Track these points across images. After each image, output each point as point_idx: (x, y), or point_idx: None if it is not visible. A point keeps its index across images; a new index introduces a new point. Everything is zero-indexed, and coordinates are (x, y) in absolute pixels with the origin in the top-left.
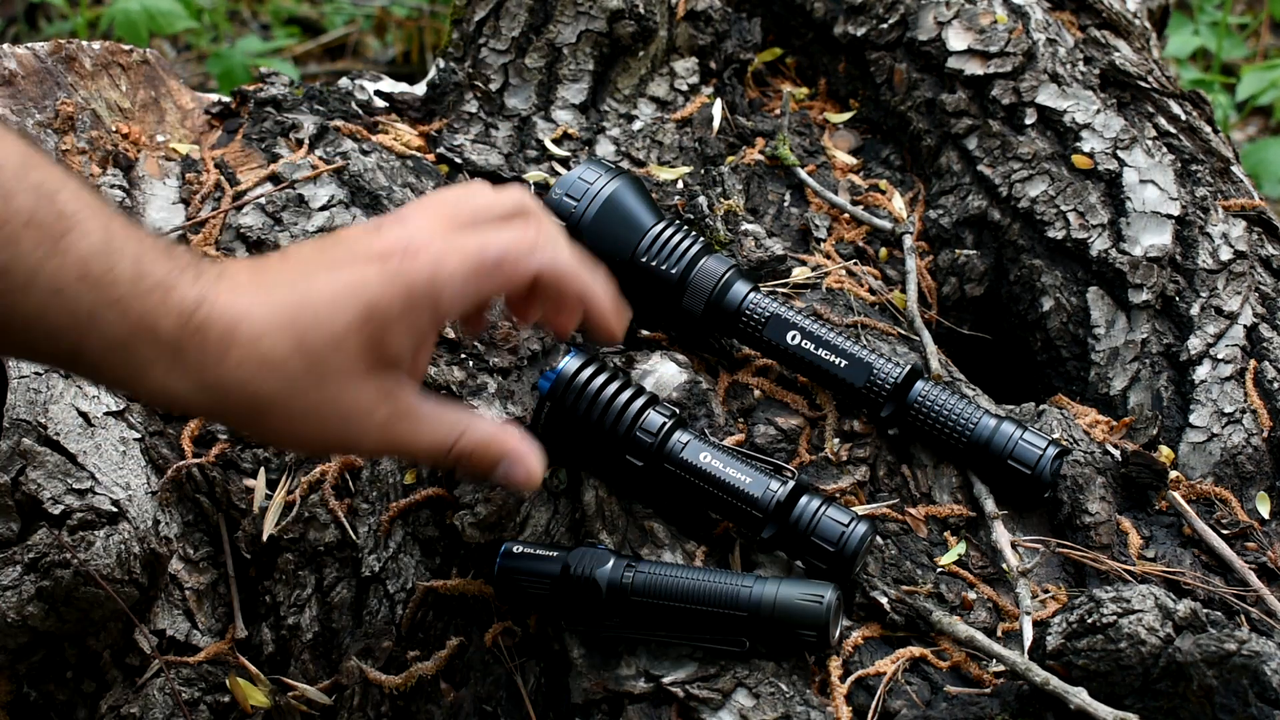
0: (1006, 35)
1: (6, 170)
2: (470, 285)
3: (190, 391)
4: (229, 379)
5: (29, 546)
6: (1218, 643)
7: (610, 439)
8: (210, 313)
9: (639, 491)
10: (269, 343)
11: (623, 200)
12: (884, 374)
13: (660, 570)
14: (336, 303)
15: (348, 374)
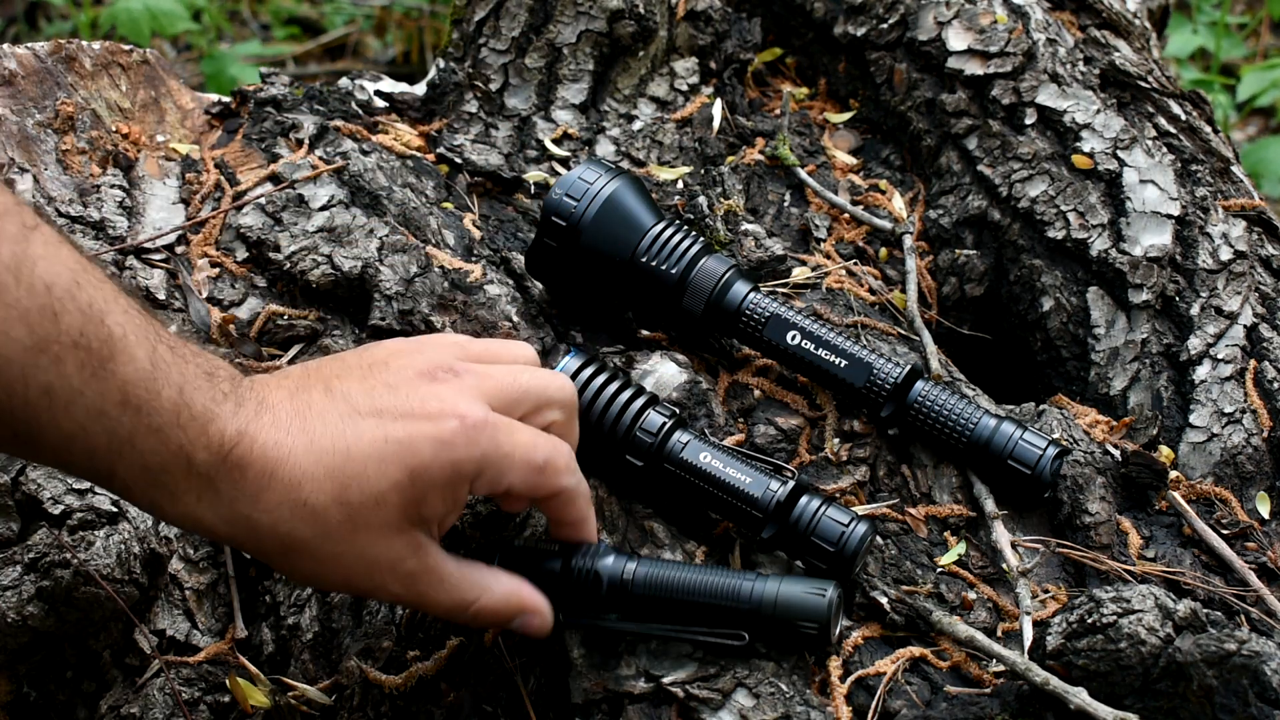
0: (1006, 35)
1: (58, 288)
2: (511, 478)
3: (219, 523)
4: (262, 519)
5: (29, 546)
6: (1218, 643)
7: (610, 439)
8: (249, 451)
9: (639, 491)
10: (309, 490)
11: (623, 200)
12: (884, 374)
13: (661, 565)
14: (384, 460)
15: (382, 528)
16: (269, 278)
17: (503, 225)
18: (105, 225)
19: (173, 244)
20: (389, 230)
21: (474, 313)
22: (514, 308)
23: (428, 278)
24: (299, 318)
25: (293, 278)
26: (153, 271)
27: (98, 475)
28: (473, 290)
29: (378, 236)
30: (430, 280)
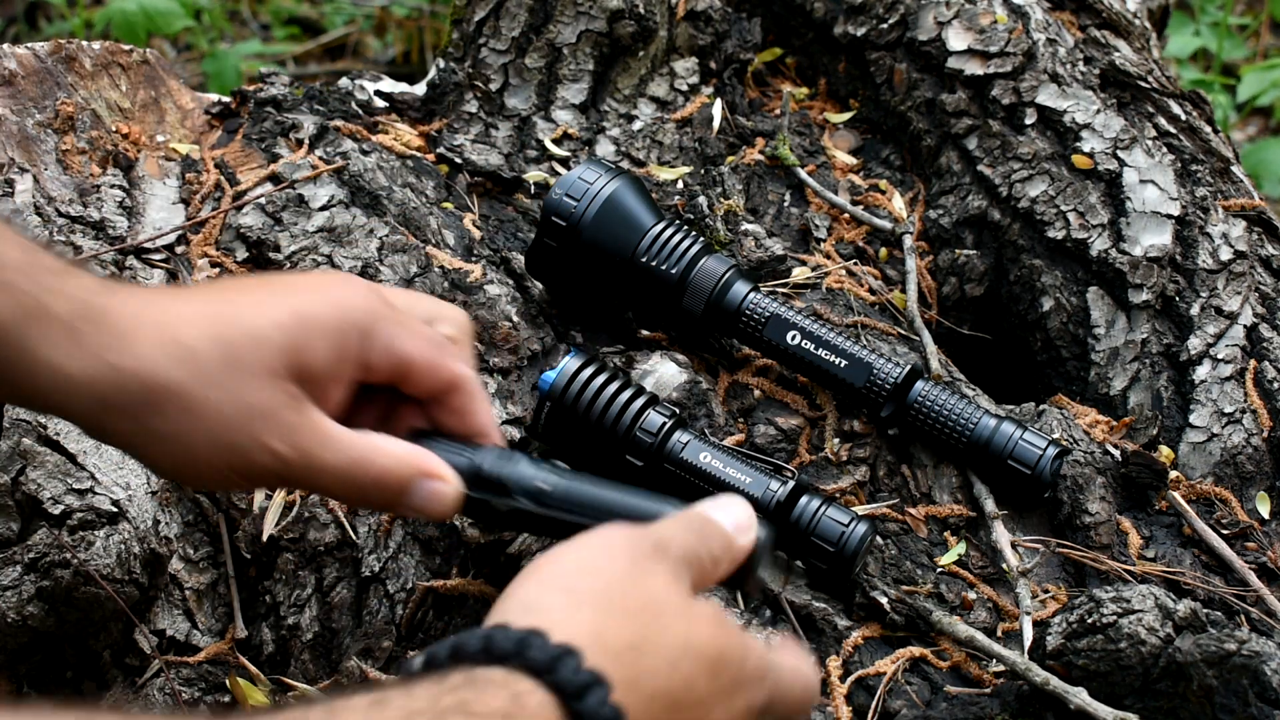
0: (1006, 35)
1: None
2: (406, 344)
3: (82, 371)
4: (128, 363)
5: (29, 546)
6: (1218, 643)
7: (610, 439)
8: (111, 301)
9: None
10: (184, 328)
11: (623, 200)
12: (884, 374)
13: (580, 480)
14: (263, 304)
15: (261, 371)
16: None
17: (503, 225)
18: (105, 225)
19: (173, 244)
20: (389, 230)
21: (474, 313)
22: (514, 308)
23: (428, 278)
24: None
25: None
26: (153, 271)
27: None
28: (473, 290)
29: (378, 236)
30: (430, 280)
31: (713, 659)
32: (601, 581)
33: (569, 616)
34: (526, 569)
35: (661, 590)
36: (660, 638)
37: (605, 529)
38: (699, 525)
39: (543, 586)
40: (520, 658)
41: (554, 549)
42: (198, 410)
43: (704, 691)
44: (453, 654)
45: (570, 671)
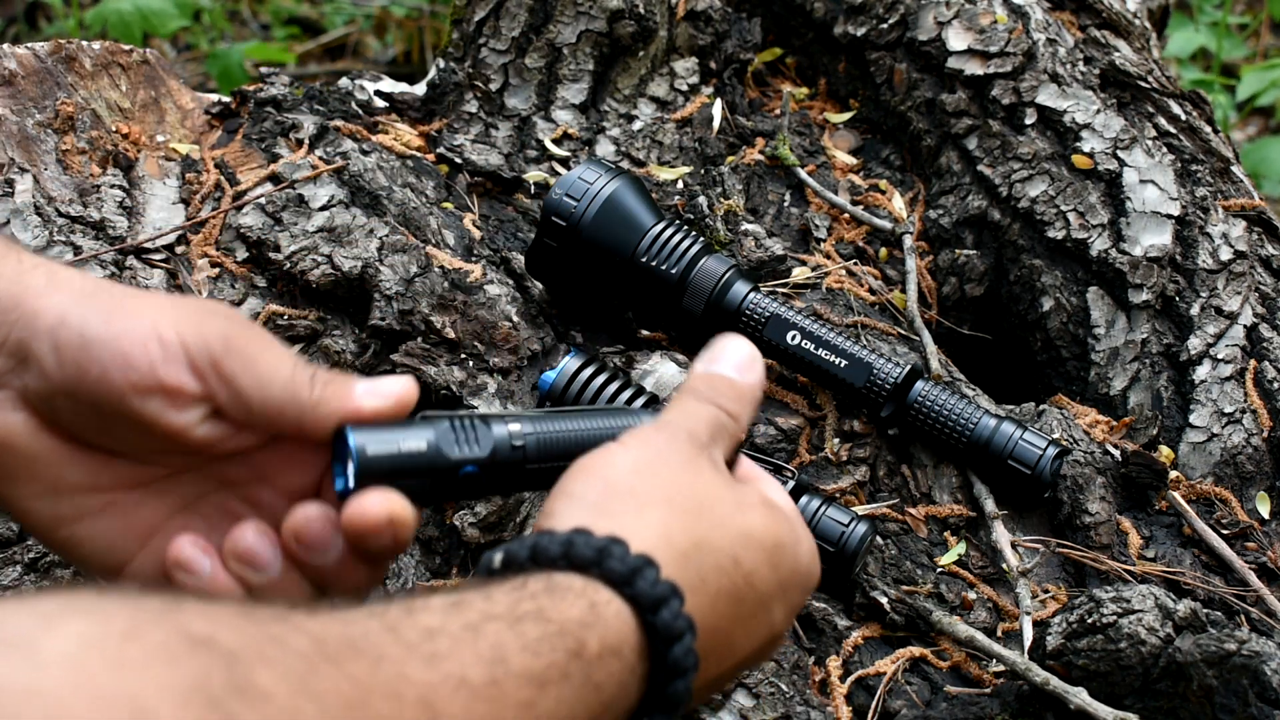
0: (1006, 35)
1: None
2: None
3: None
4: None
5: (29, 546)
6: (1218, 643)
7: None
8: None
9: None
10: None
11: (623, 200)
12: (884, 374)
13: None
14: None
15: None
16: (269, 278)
17: (503, 225)
18: (105, 225)
19: (173, 244)
20: (389, 230)
21: (474, 312)
22: (514, 308)
23: (428, 278)
24: (299, 318)
25: (293, 278)
26: (153, 271)
27: None
28: (473, 290)
29: (378, 236)
30: (430, 280)
31: (771, 548)
32: (660, 481)
33: (639, 519)
34: (577, 469)
35: (712, 484)
36: (721, 532)
37: (641, 431)
38: (707, 389)
39: (606, 487)
40: (600, 567)
41: (600, 451)
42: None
43: (765, 584)
44: (532, 556)
45: (648, 584)
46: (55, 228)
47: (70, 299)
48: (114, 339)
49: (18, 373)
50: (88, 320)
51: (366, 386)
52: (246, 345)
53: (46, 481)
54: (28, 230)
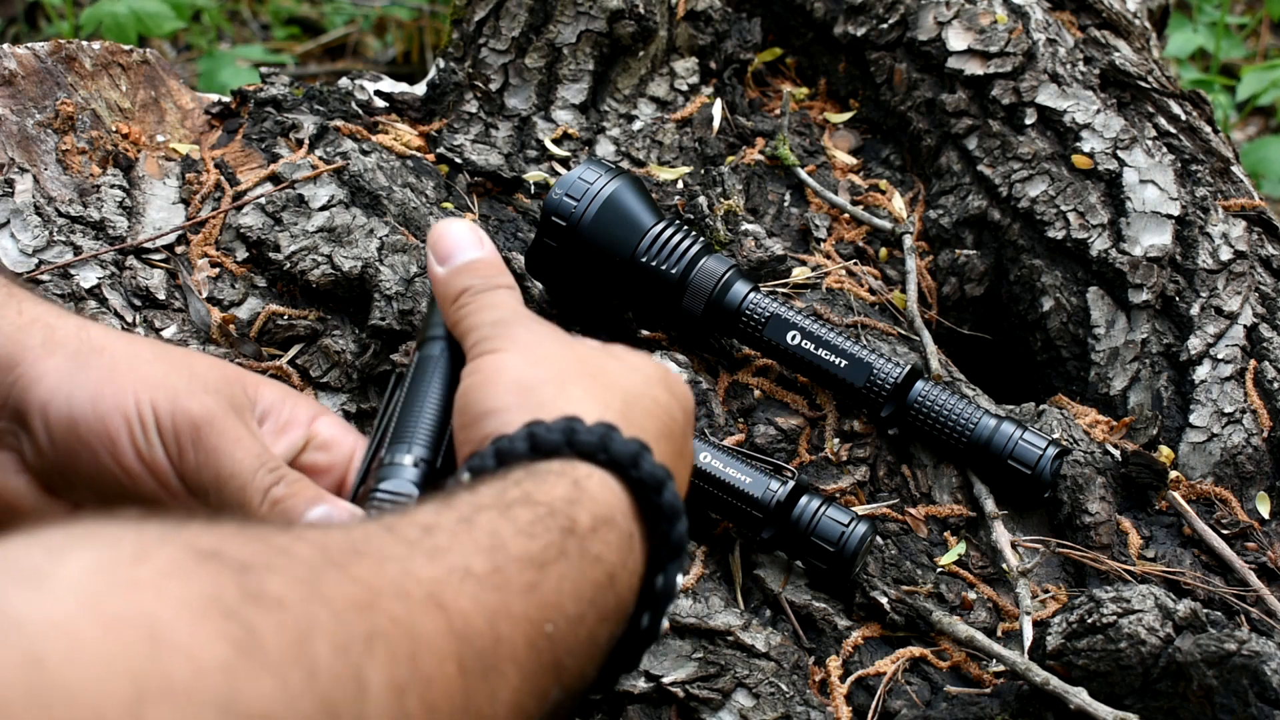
0: (1006, 35)
1: None
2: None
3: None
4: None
5: None
6: (1218, 643)
7: None
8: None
9: None
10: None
11: (623, 200)
12: (884, 374)
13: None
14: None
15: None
16: (269, 278)
17: (503, 225)
18: (105, 225)
19: (173, 244)
20: (389, 230)
21: None
22: None
23: (428, 278)
24: (299, 318)
25: (293, 278)
26: (153, 271)
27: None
28: None
29: (378, 236)
30: (430, 280)
31: (658, 377)
32: (556, 362)
33: (567, 397)
34: (476, 383)
35: (585, 346)
36: (629, 382)
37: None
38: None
39: (520, 385)
40: (571, 445)
41: (482, 363)
42: (148, 359)
43: (677, 410)
44: (499, 458)
45: (619, 445)
46: (55, 228)
47: (63, 368)
48: (100, 421)
49: (18, 437)
50: (74, 400)
51: (319, 519)
52: (217, 439)
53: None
54: (28, 230)
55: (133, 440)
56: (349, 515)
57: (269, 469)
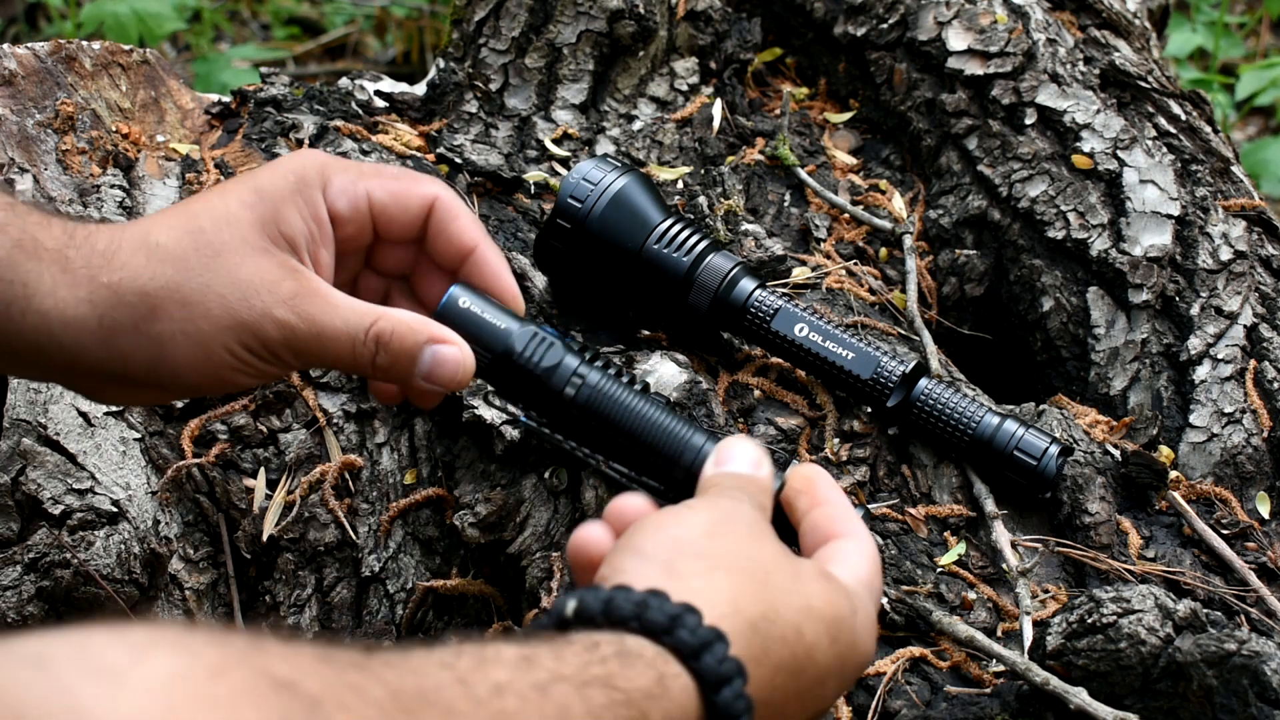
0: (1006, 35)
1: None
2: (368, 183)
3: (82, 301)
4: (120, 277)
5: (29, 546)
6: (1218, 643)
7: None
8: (95, 230)
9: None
10: (158, 230)
11: (631, 195)
12: (892, 366)
13: (617, 386)
14: (226, 191)
15: (243, 248)
16: None
17: (503, 225)
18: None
19: None
20: (401, 167)
21: None
22: None
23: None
24: None
25: None
26: None
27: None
28: None
29: None
30: None
31: (830, 620)
32: (728, 546)
33: (709, 583)
34: (647, 525)
35: (774, 555)
36: (785, 603)
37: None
38: (733, 484)
39: (677, 546)
40: (671, 635)
41: (671, 509)
42: (196, 300)
43: (824, 658)
44: (605, 611)
45: (715, 660)
46: None
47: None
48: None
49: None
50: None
51: (427, 370)
52: (305, 343)
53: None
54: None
55: (244, 374)
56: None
57: (364, 340)
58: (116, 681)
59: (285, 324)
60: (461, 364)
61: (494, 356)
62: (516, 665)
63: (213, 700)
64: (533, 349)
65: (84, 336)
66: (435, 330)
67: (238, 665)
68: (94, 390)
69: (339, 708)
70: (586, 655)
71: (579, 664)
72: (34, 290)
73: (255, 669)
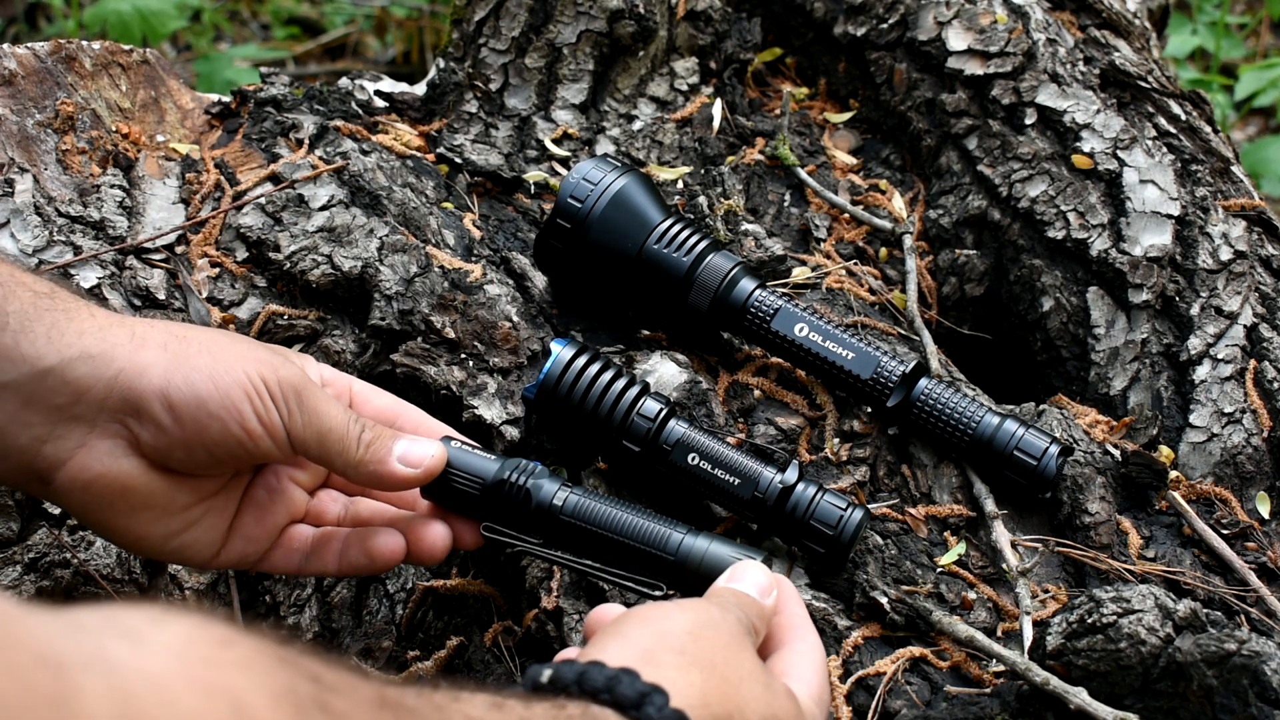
0: (1006, 35)
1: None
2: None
3: (114, 321)
4: (148, 324)
5: (29, 546)
6: (1218, 643)
7: (606, 425)
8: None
9: (634, 480)
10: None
11: (631, 195)
12: (892, 365)
13: (596, 499)
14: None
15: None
16: (269, 278)
17: (503, 225)
18: (105, 225)
19: (173, 244)
20: (389, 230)
21: (474, 312)
22: (514, 307)
23: (428, 277)
24: (299, 318)
25: (293, 278)
26: (153, 271)
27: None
28: (473, 290)
29: (378, 236)
30: (430, 280)
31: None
32: (708, 647)
33: (683, 676)
34: (634, 616)
35: (751, 664)
36: (752, 709)
37: (698, 603)
38: (734, 601)
39: (659, 639)
40: (638, 710)
41: (660, 605)
42: (221, 340)
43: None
44: (578, 681)
45: (651, 709)
46: (55, 228)
47: (164, 358)
48: (225, 395)
49: (130, 425)
50: (193, 381)
51: (402, 452)
52: (314, 401)
53: (159, 509)
54: (28, 230)
55: (254, 408)
56: (427, 444)
57: (356, 421)
58: (138, 639)
59: (300, 378)
60: (433, 446)
61: (487, 487)
62: (487, 708)
63: (225, 661)
64: (519, 476)
65: (114, 349)
66: (407, 432)
67: (244, 638)
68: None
69: (336, 689)
70: (554, 713)
71: (546, 717)
72: (75, 314)
73: (260, 643)
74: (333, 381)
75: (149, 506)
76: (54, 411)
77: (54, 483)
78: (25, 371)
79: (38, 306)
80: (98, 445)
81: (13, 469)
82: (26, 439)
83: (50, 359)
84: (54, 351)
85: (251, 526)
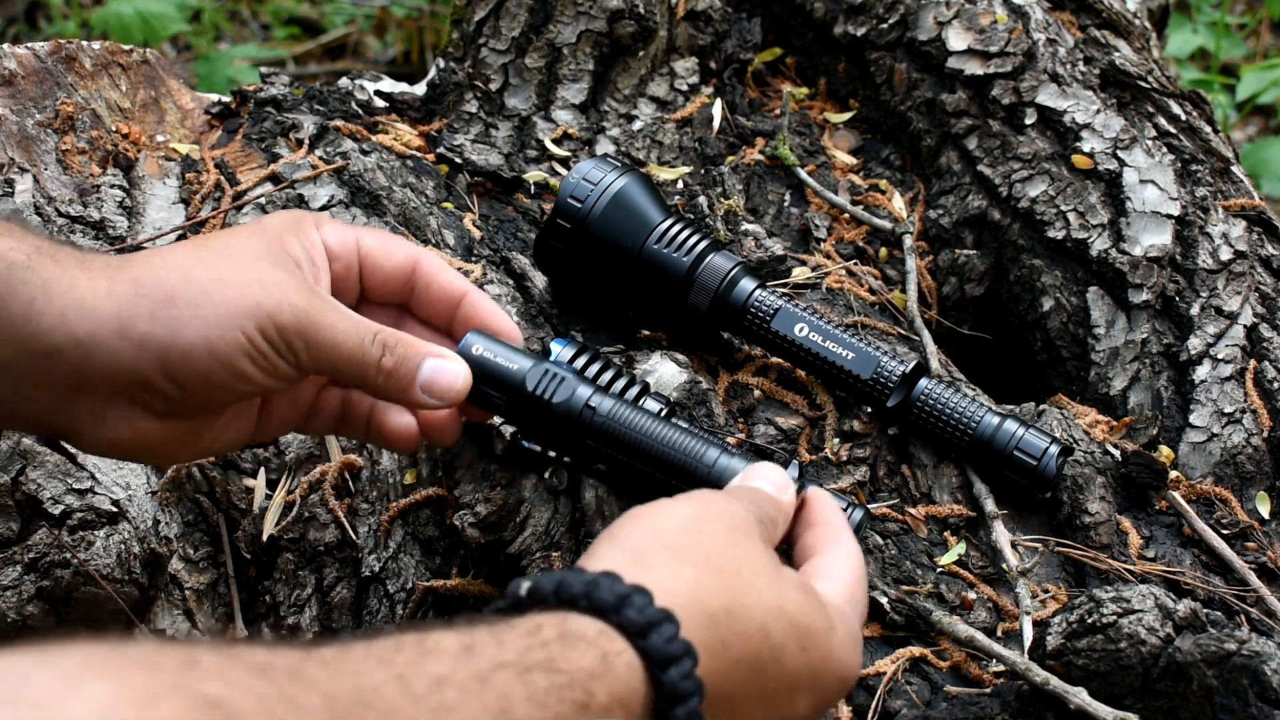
0: (1006, 35)
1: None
2: (349, 231)
3: (100, 294)
4: (136, 273)
5: (29, 546)
6: (1218, 643)
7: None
8: (109, 254)
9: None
10: (173, 248)
11: (631, 195)
12: (892, 365)
13: (628, 408)
14: (228, 229)
15: (255, 258)
16: None
17: (503, 225)
18: (105, 225)
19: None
20: (389, 230)
21: None
22: (514, 307)
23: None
24: None
25: None
26: None
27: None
28: None
29: None
30: None
31: (803, 629)
32: (704, 540)
33: (673, 573)
34: (629, 516)
35: (755, 554)
36: (753, 600)
37: (702, 494)
38: (749, 497)
39: (651, 537)
40: (618, 614)
41: (657, 503)
42: (214, 289)
43: (793, 664)
44: (556, 590)
45: (662, 640)
46: (55, 228)
47: (157, 331)
48: (222, 361)
49: (138, 396)
50: (190, 355)
51: (427, 380)
52: (319, 334)
53: (186, 441)
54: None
55: (255, 364)
56: (452, 371)
57: (374, 340)
58: (52, 714)
59: (301, 311)
60: (459, 376)
61: (510, 395)
62: (457, 656)
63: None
64: (545, 385)
65: (100, 328)
66: (434, 347)
67: (169, 692)
68: (94, 414)
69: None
70: (528, 639)
71: (520, 648)
72: (54, 288)
73: (186, 696)
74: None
75: (176, 441)
76: (56, 390)
77: (76, 442)
78: (9, 355)
79: (12, 280)
80: (112, 414)
81: (30, 430)
82: (32, 411)
83: (37, 344)
84: (37, 335)
85: (285, 409)
